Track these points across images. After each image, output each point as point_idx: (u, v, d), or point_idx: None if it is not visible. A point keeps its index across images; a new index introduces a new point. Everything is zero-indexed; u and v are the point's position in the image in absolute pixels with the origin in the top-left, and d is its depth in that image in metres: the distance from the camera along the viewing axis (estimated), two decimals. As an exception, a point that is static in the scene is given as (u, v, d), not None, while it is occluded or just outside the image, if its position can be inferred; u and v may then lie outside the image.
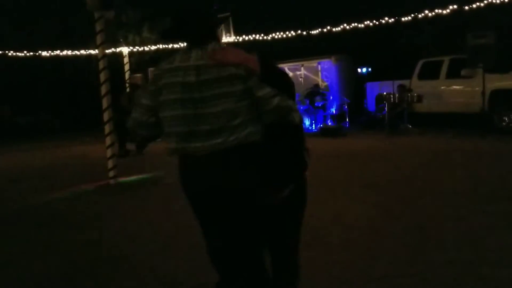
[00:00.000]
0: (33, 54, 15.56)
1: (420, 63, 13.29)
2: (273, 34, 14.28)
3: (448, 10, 11.45)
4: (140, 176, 7.81)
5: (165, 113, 2.11)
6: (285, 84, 2.19)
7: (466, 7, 11.18)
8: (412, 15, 12.00)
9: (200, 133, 2.03)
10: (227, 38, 14.12)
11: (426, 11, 11.74)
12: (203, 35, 2.11)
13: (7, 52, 15.27)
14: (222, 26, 14.20)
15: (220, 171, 2.02)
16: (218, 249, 2.17)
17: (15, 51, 15.37)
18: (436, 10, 11.64)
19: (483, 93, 10.51)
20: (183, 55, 2.11)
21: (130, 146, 10.63)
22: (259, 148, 2.07)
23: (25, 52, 15.43)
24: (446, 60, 12.51)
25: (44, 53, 15.70)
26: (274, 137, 2.12)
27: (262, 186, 2.10)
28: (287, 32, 14.01)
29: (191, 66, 2.05)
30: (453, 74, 12.08)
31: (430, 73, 12.83)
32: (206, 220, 2.15)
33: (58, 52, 15.82)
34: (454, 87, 12.30)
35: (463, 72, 11.49)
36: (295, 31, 13.93)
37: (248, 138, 2.04)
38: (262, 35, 14.48)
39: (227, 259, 2.17)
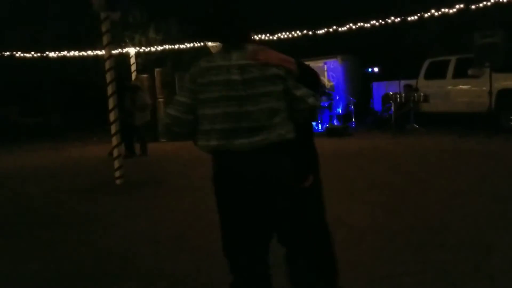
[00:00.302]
0: (41, 55, 15.65)
1: (426, 63, 13.23)
2: (279, 34, 14.26)
3: (454, 9, 11.38)
4: (145, 177, 7.85)
5: (206, 111, 2.13)
6: (316, 83, 2.31)
7: (473, 6, 11.09)
8: (418, 14, 11.94)
9: (242, 130, 2.08)
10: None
11: (433, 10, 11.67)
12: (242, 36, 2.18)
13: (14, 53, 15.38)
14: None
15: (260, 166, 2.08)
16: (239, 244, 2.20)
17: (22, 52, 15.47)
18: (443, 9, 11.57)
19: (490, 92, 10.44)
20: (223, 55, 2.15)
21: (136, 148, 10.67)
22: (292, 143, 2.15)
23: (32, 53, 15.53)
24: (453, 59, 12.45)
25: (52, 54, 15.79)
26: (300, 133, 2.24)
27: (297, 179, 2.20)
28: (293, 32, 14.00)
29: (234, 65, 2.10)
30: (460, 73, 12.02)
31: (437, 72, 12.77)
32: (236, 213, 2.15)
33: (65, 52, 15.91)
34: (461, 86, 12.23)
35: (470, 72, 11.42)
36: (301, 31, 13.91)
37: (286, 136, 2.13)
38: (268, 35, 14.47)
39: (247, 254, 2.20)
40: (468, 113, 11.70)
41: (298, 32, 13.90)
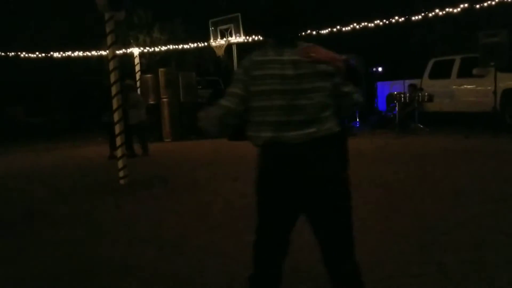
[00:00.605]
0: (45, 55, 15.73)
1: (431, 62, 13.20)
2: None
3: (459, 9, 11.35)
4: (148, 176, 7.87)
5: (259, 103, 2.20)
6: (360, 80, 2.39)
7: (477, 6, 11.06)
8: (423, 14, 11.91)
9: (294, 123, 2.16)
10: (236, 38, 14.15)
11: (437, 10, 11.64)
12: (296, 34, 2.30)
13: (19, 53, 15.46)
14: (232, 26, 14.26)
15: (311, 158, 2.17)
16: (277, 236, 2.27)
17: (27, 52, 15.56)
18: (447, 9, 11.54)
19: (494, 92, 10.40)
20: (275, 50, 2.24)
21: (137, 148, 10.67)
22: (336, 137, 2.25)
23: (37, 53, 15.61)
24: (458, 59, 12.42)
25: (56, 54, 15.87)
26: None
27: (339, 171, 2.30)
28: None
29: (287, 60, 2.18)
30: (465, 73, 11.98)
31: (441, 72, 12.74)
32: (279, 206, 2.22)
33: (69, 53, 15.99)
34: (466, 86, 12.20)
35: (474, 71, 11.39)
36: (305, 31, 13.91)
37: (333, 129, 2.22)
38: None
39: (277, 247, 2.29)
40: (473, 112, 11.66)
41: (302, 32, 13.90)
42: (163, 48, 16.65)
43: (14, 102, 19.67)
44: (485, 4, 10.93)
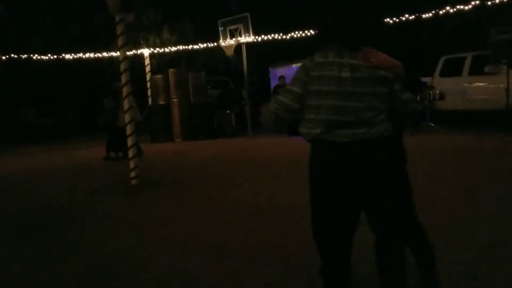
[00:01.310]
0: (57, 57, 15.89)
1: (442, 60, 13.08)
2: (292, 33, 14.24)
3: (470, 6, 11.23)
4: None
5: (314, 102, 2.34)
6: (419, 87, 2.55)
7: (489, 2, 10.94)
8: (433, 11, 11.81)
9: (345, 123, 2.30)
10: (246, 38, 14.16)
11: (448, 7, 11.54)
12: (361, 39, 2.38)
13: (31, 55, 15.63)
14: (241, 26, 14.27)
15: (359, 157, 2.31)
16: (332, 231, 2.41)
17: (39, 55, 15.72)
18: (458, 6, 11.42)
19: (507, 90, 10.29)
20: (336, 52, 2.35)
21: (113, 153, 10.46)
22: (388, 139, 2.38)
23: (49, 55, 15.77)
24: (469, 56, 12.29)
25: (68, 56, 16.02)
26: (395, 130, 2.47)
27: (390, 171, 2.41)
28: (306, 31, 13.96)
29: (346, 63, 2.31)
30: (476, 70, 11.85)
31: (453, 70, 12.62)
32: (332, 198, 2.36)
33: (81, 54, 16.12)
34: (477, 84, 12.07)
35: (486, 69, 11.26)
36: (314, 30, 13.87)
37: (384, 133, 2.34)
38: (281, 34, 14.46)
39: (339, 239, 2.44)
40: (484, 110, 11.54)
41: (311, 31, 13.87)
42: (173, 48, 16.70)
43: (27, 103, 19.89)
44: (497, 0, 10.80)
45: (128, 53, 8.00)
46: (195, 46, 15.99)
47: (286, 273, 3.32)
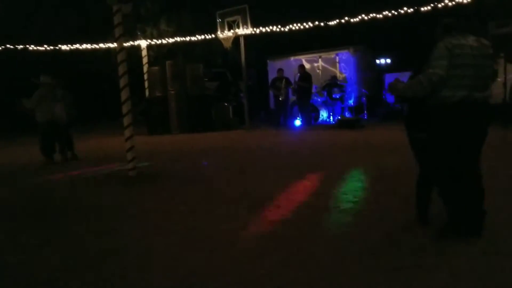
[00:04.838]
0: (53, 48, 15.78)
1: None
2: (291, 26, 14.19)
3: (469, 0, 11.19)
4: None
5: (457, 72, 3.39)
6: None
7: (488, -4, 10.91)
8: (432, 4, 11.77)
9: (479, 87, 3.45)
10: (244, 30, 14.09)
11: (446, 1, 11.49)
12: (474, 27, 3.55)
13: (27, 46, 15.51)
14: (239, 18, 14.20)
15: (486, 110, 3.54)
16: (465, 155, 3.62)
17: (35, 46, 15.61)
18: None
19: (505, 83, 10.29)
20: (462, 37, 3.50)
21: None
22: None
23: (45, 46, 15.65)
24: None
25: (64, 47, 15.92)
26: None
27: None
28: (305, 23, 13.91)
29: (472, 45, 3.46)
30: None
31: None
32: (467, 136, 3.51)
33: (77, 45, 16.02)
34: (475, 77, 12.06)
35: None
36: (313, 22, 13.82)
37: (491, 93, 3.54)
38: (280, 26, 14.40)
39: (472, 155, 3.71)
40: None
41: (309, 23, 13.82)
42: (171, 40, 16.61)
43: (24, 95, 19.78)
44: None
45: (125, 44, 7.93)
46: (193, 38, 15.92)
47: (286, 264, 3.32)
